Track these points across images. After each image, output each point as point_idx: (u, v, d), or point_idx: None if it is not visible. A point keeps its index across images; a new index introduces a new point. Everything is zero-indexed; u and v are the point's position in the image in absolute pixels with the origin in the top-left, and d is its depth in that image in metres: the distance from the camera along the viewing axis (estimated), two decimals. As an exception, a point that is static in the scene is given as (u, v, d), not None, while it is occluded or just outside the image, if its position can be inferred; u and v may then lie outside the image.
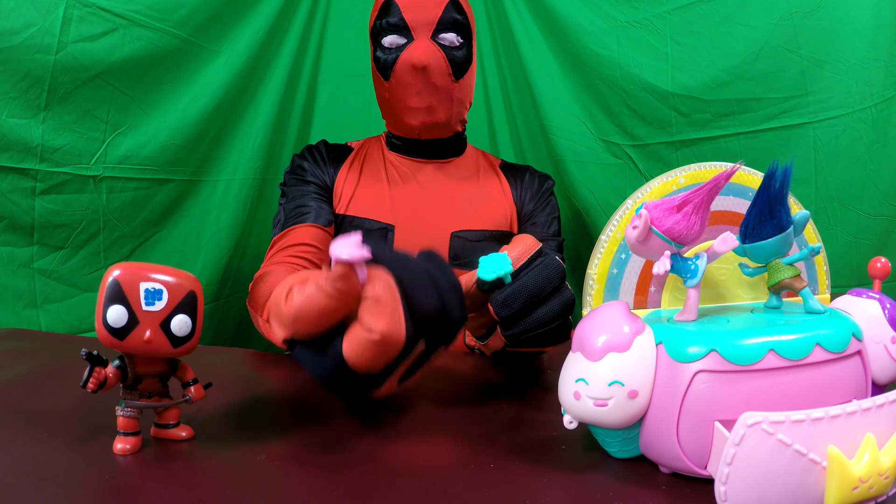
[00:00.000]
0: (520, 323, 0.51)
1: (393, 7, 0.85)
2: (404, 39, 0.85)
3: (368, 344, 0.41)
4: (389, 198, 0.89)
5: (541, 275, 0.51)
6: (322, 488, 0.40)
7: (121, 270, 0.43)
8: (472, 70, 0.90)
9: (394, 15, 0.85)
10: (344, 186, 0.90)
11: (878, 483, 0.34)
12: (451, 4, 0.86)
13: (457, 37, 0.86)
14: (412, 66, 0.82)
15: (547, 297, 0.51)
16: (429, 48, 0.83)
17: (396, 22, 0.84)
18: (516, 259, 0.55)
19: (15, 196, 0.85)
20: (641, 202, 0.46)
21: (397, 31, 0.85)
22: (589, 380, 0.40)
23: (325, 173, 0.91)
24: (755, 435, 0.32)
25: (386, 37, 0.86)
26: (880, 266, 0.52)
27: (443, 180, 0.92)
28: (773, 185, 0.43)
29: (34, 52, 0.82)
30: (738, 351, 0.38)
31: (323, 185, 0.90)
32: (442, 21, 0.85)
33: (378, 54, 0.87)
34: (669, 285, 0.50)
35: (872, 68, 0.92)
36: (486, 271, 0.51)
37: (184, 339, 0.44)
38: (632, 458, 0.43)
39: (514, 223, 0.93)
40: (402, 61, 0.84)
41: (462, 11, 0.87)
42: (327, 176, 0.91)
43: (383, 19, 0.86)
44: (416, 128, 0.87)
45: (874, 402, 0.34)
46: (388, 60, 0.85)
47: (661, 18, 1.02)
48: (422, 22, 0.84)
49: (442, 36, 0.85)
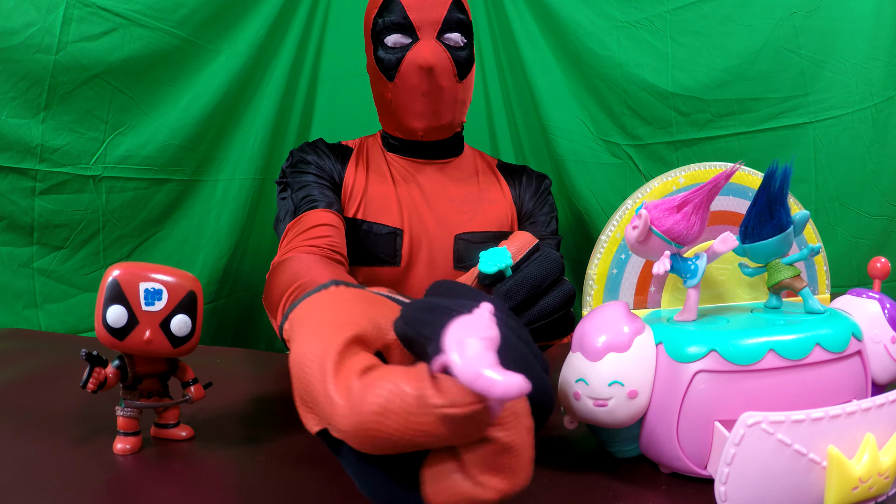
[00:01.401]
0: (524, 314, 0.51)
1: (396, 5, 0.83)
2: (409, 39, 0.84)
3: (472, 500, 0.28)
4: (397, 200, 0.88)
5: (541, 266, 0.51)
6: (322, 488, 0.40)
7: (120, 270, 0.43)
8: (473, 70, 0.89)
9: (397, 14, 0.83)
10: (354, 185, 0.88)
11: (878, 483, 0.34)
12: (454, 4, 0.85)
13: (461, 37, 0.85)
14: (419, 66, 0.81)
15: (548, 288, 0.51)
16: (435, 49, 0.82)
17: (400, 21, 0.83)
18: (515, 253, 0.55)
19: (15, 196, 0.85)
20: (641, 202, 0.46)
21: (401, 31, 0.84)
22: (589, 380, 0.40)
23: (332, 169, 0.88)
24: (755, 435, 0.32)
25: (389, 36, 0.84)
26: (880, 266, 0.52)
27: (443, 181, 0.91)
28: (773, 185, 0.43)
29: (34, 51, 0.82)
30: (738, 351, 0.38)
31: (330, 179, 0.87)
32: (447, 21, 0.84)
33: (380, 53, 0.85)
34: (669, 285, 0.50)
35: (872, 68, 0.92)
36: (487, 265, 0.51)
37: (184, 339, 0.44)
38: (632, 458, 0.43)
39: (515, 223, 0.93)
40: (408, 61, 0.82)
41: (464, 11, 0.87)
42: (335, 172, 0.88)
43: (385, 17, 0.84)
44: (421, 129, 0.87)
45: (874, 402, 0.34)
46: (392, 60, 0.84)
47: (662, 18, 1.02)
48: (427, 21, 0.83)
49: (447, 36, 0.84)
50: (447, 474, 0.28)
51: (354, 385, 0.26)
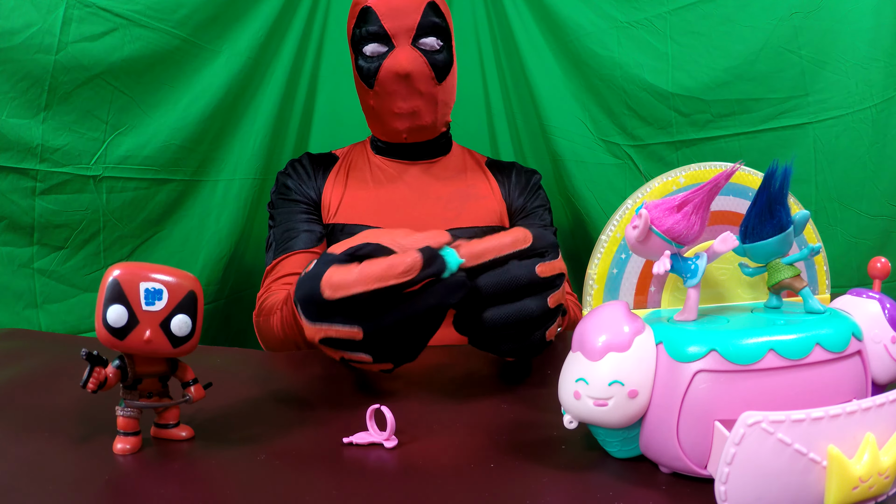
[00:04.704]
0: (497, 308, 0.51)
1: (371, 15, 0.85)
2: (385, 47, 0.85)
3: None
4: (377, 202, 0.90)
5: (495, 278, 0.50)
6: (322, 488, 0.40)
7: (121, 270, 0.43)
8: (454, 71, 0.90)
9: (372, 23, 0.85)
10: (331, 196, 0.91)
11: (879, 482, 0.34)
12: (429, 8, 0.86)
13: (436, 40, 0.86)
14: (395, 74, 0.83)
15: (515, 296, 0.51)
16: (410, 55, 0.83)
17: (376, 30, 0.84)
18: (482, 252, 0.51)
19: (15, 196, 0.85)
20: (641, 202, 0.46)
21: (377, 40, 0.85)
22: (589, 379, 0.40)
23: (310, 188, 0.91)
24: (755, 434, 0.32)
25: (366, 45, 0.86)
26: (880, 266, 0.52)
27: (430, 181, 0.92)
28: (773, 185, 0.43)
29: (34, 52, 0.82)
30: (738, 351, 0.38)
31: (309, 202, 0.91)
32: (421, 26, 0.85)
33: (360, 63, 0.87)
34: (669, 285, 0.50)
35: (872, 68, 0.92)
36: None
37: (184, 339, 0.44)
38: (632, 458, 0.43)
39: (505, 219, 0.94)
40: (385, 70, 0.84)
41: (440, 14, 0.88)
42: (313, 190, 0.91)
43: (362, 28, 0.86)
44: (403, 132, 0.88)
45: (874, 401, 0.34)
46: (370, 69, 0.85)
47: (662, 19, 1.02)
48: (401, 29, 0.84)
49: (422, 41, 0.85)
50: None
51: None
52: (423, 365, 0.65)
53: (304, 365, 0.66)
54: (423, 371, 0.63)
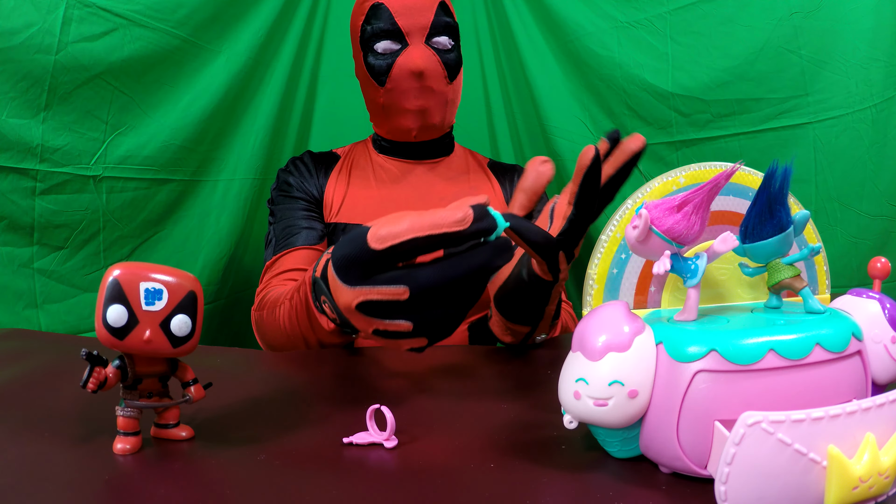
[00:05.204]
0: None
1: (383, 12, 0.85)
2: (398, 45, 0.85)
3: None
4: (380, 201, 0.90)
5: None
6: (322, 488, 0.40)
7: (121, 270, 0.43)
8: (462, 70, 0.90)
9: (385, 20, 0.84)
10: (334, 195, 0.90)
11: (879, 483, 0.34)
12: (440, 7, 0.86)
13: (448, 39, 0.87)
14: (410, 71, 0.83)
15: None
16: (424, 53, 0.83)
17: (389, 27, 0.84)
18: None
19: (15, 196, 0.85)
20: (641, 202, 0.46)
21: (390, 37, 0.85)
22: (589, 379, 0.40)
23: (312, 186, 0.91)
24: (755, 435, 0.32)
25: (378, 42, 0.85)
26: (880, 266, 0.52)
27: (434, 181, 0.92)
28: (773, 185, 0.43)
29: (34, 52, 0.82)
30: (738, 351, 0.38)
31: (311, 199, 0.90)
32: (434, 25, 0.85)
33: (370, 60, 0.86)
34: (669, 285, 0.50)
35: (872, 68, 0.92)
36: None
37: (184, 339, 0.44)
38: (632, 458, 0.43)
39: None
40: (398, 67, 0.84)
41: (450, 14, 0.88)
42: (314, 188, 0.91)
43: (373, 24, 0.85)
44: (413, 129, 0.88)
45: (874, 401, 0.34)
46: (383, 66, 0.85)
47: (662, 19, 1.02)
48: (415, 27, 0.84)
49: (435, 40, 0.85)
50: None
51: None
52: (423, 365, 0.65)
53: (305, 365, 0.66)
54: (423, 371, 0.63)
